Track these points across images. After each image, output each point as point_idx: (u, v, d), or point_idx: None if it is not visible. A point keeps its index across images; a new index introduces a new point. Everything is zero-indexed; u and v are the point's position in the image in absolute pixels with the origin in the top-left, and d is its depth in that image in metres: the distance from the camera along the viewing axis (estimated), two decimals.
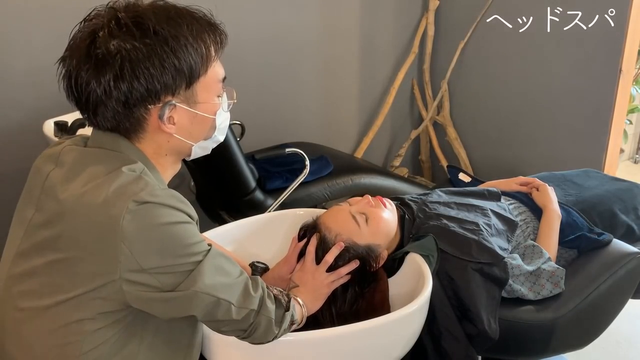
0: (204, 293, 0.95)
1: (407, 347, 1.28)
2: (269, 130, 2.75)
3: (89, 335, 0.94)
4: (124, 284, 0.91)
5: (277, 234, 1.57)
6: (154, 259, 0.90)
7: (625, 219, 1.72)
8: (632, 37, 2.37)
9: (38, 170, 1.04)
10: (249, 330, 1.04)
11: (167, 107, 0.97)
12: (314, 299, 1.27)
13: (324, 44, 2.88)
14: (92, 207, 0.91)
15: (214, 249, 0.98)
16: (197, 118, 1.01)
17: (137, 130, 0.98)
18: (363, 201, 1.42)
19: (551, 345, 1.43)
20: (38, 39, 2.14)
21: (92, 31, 0.94)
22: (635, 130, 3.87)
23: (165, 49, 0.93)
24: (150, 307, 0.95)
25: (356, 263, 1.33)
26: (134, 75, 0.92)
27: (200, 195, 2.42)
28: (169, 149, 1.03)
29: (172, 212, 0.92)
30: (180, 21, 0.95)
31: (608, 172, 2.48)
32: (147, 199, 0.90)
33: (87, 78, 0.93)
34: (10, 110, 2.17)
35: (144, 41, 0.92)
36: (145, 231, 0.89)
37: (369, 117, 3.16)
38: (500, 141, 2.97)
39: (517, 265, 1.43)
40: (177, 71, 0.95)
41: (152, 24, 0.93)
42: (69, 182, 0.96)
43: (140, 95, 0.94)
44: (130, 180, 0.93)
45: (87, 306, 0.93)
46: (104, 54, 0.92)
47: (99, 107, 0.95)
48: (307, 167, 2.17)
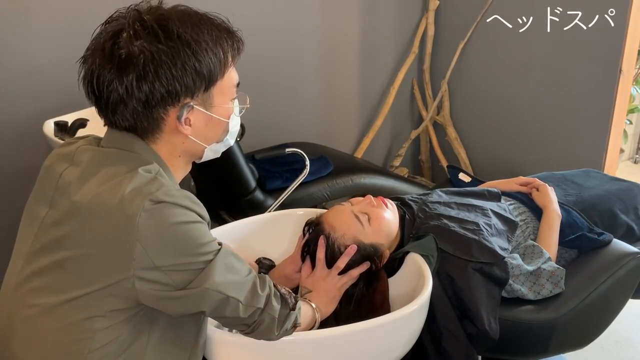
0: (214, 290, 0.97)
1: (407, 347, 1.28)
2: (269, 130, 2.75)
3: (99, 333, 0.95)
4: (136, 282, 0.92)
5: (277, 234, 1.56)
6: (168, 257, 0.92)
7: (625, 219, 1.72)
8: (632, 37, 2.37)
9: (50, 169, 1.05)
10: (253, 326, 1.05)
11: (185, 109, 0.99)
12: (327, 302, 1.29)
13: (324, 44, 2.88)
14: (108, 206, 0.92)
15: (225, 248, 1.00)
16: (212, 121, 1.04)
17: (154, 130, 1.01)
18: (365, 201, 1.42)
19: (551, 345, 1.43)
20: (38, 39, 2.14)
21: (116, 32, 0.96)
22: (635, 130, 3.87)
23: (188, 52, 0.96)
24: (161, 305, 0.97)
25: (367, 265, 1.34)
26: (156, 76, 0.95)
27: (200, 195, 2.40)
28: (182, 151, 1.05)
29: (186, 212, 0.94)
30: (201, 26, 0.98)
31: (608, 172, 2.48)
32: (163, 198, 0.92)
33: (109, 77, 0.95)
34: (10, 110, 2.16)
35: (167, 43, 0.95)
36: (160, 229, 0.91)
37: (369, 117, 3.16)
38: (500, 141, 2.97)
39: (517, 265, 1.43)
40: (198, 74, 0.98)
41: (175, 27, 0.96)
42: (85, 181, 0.97)
43: (161, 96, 0.96)
44: (147, 180, 0.95)
45: (98, 304, 0.94)
46: (127, 54, 0.94)
47: (119, 106, 0.97)
48: (307, 167, 2.17)
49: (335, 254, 1.33)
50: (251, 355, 1.16)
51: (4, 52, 2.10)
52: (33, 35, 2.14)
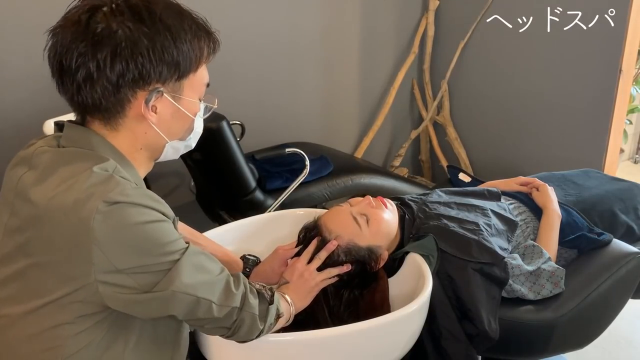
0: (182, 293, 0.94)
1: (407, 347, 1.28)
2: (269, 130, 2.75)
3: (70, 339, 0.94)
4: (100, 286, 0.90)
5: (277, 234, 1.56)
6: (129, 259, 0.89)
7: (625, 219, 1.72)
8: (632, 37, 2.37)
9: (10, 174, 1.02)
10: (233, 328, 1.03)
11: (155, 94, 0.96)
12: (302, 296, 1.26)
13: (324, 44, 2.88)
14: (63, 209, 0.89)
15: (193, 247, 0.97)
16: (179, 114, 1.01)
17: (117, 112, 0.97)
18: (364, 202, 1.42)
19: (551, 345, 1.43)
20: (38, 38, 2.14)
21: (94, 6, 0.93)
22: (635, 130, 3.87)
23: (168, 37, 0.94)
24: (129, 308, 0.94)
25: (348, 267, 1.33)
26: (131, 56, 0.92)
27: (200, 195, 2.42)
28: (144, 143, 1.01)
29: (144, 210, 0.90)
30: (184, 17, 0.97)
31: (608, 172, 2.48)
32: (118, 198, 0.88)
33: (81, 51, 0.92)
34: (10, 110, 2.16)
35: (148, 25, 0.92)
36: (117, 231, 0.88)
37: (369, 117, 3.16)
38: (500, 141, 2.97)
39: (517, 265, 1.43)
40: (174, 61, 0.95)
41: (159, 10, 0.94)
42: (41, 184, 0.94)
43: (132, 77, 0.93)
44: (101, 180, 0.91)
45: (65, 310, 0.92)
46: (104, 29, 0.91)
47: (86, 83, 0.93)
48: (307, 167, 2.17)
49: (331, 256, 1.33)
50: (251, 355, 1.16)
51: (3, 51, 2.10)
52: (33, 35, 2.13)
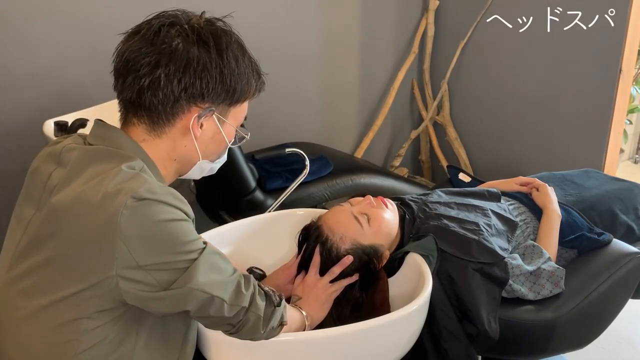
0: (198, 290, 0.96)
1: (407, 347, 1.28)
2: (269, 130, 2.75)
3: (86, 334, 0.95)
4: (120, 281, 0.91)
5: (277, 234, 1.56)
6: (151, 256, 0.91)
7: (625, 219, 1.72)
8: (632, 37, 2.37)
9: (38, 171, 1.05)
10: (237, 326, 1.05)
11: (207, 111, 1.04)
12: (318, 309, 1.29)
13: (324, 44, 2.88)
14: (90, 203, 0.91)
15: (209, 247, 1.00)
16: (218, 136, 1.09)
17: (168, 120, 1.02)
18: (364, 202, 1.42)
19: (551, 345, 1.43)
20: (38, 39, 2.14)
21: (173, 23, 1.01)
22: (635, 130, 3.87)
23: (234, 66, 1.03)
24: (145, 304, 0.96)
25: (356, 277, 1.34)
26: (200, 75, 0.99)
27: (200, 195, 2.42)
28: (180, 154, 1.07)
29: (169, 209, 0.93)
30: (245, 52, 1.07)
31: (608, 172, 2.48)
32: (145, 195, 0.91)
33: (152, 59, 0.98)
34: (10, 110, 2.16)
35: (219, 50, 1.01)
36: (142, 227, 0.90)
37: (369, 117, 3.16)
38: (500, 141, 2.97)
39: (517, 265, 1.43)
40: (231, 88, 1.04)
41: (229, 41, 1.03)
42: (71, 181, 0.97)
43: (193, 93, 1.00)
44: (129, 177, 0.94)
45: (84, 305, 0.94)
46: (178, 45, 0.98)
47: (150, 88, 0.99)
48: (307, 167, 2.17)
49: (332, 256, 1.33)
50: (251, 355, 1.16)
51: (4, 52, 2.10)
52: (33, 36, 2.14)
